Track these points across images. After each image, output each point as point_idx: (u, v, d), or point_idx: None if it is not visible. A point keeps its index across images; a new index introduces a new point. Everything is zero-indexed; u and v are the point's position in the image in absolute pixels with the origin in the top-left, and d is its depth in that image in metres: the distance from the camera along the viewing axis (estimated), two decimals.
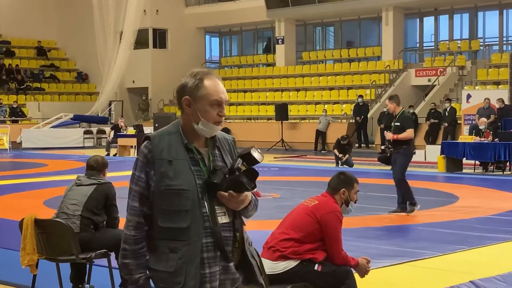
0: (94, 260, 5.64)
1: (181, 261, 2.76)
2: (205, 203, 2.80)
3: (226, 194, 2.80)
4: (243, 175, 2.79)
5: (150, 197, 2.84)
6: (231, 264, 2.87)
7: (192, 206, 2.77)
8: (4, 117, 29.99)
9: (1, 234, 8.98)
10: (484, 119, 17.97)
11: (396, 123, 10.32)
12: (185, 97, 2.88)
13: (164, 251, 2.79)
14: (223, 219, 2.84)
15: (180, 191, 2.77)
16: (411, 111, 23.75)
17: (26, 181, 15.56)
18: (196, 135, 2.87)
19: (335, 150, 18.42)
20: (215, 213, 2.82)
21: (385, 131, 10.86)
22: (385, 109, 24.66)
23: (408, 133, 10.20)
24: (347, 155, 18.11)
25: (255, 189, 2.86)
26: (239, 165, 2.80)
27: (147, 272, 2.88)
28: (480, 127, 17.50)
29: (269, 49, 35.45)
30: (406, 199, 10.27)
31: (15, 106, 30.66)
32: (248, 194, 2.85)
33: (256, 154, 2.81)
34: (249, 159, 2.82)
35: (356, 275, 5.01)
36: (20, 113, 30.78)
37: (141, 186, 2.85)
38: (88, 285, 5.63)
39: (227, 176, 2.80)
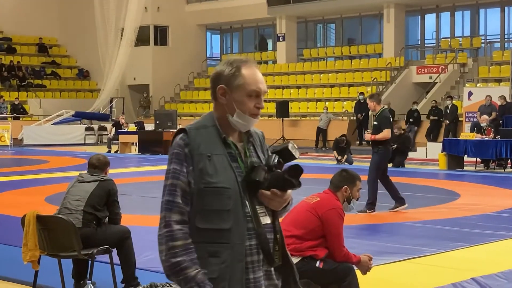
0: (96, 256, 5.65)
1: (224, 265, 2.54)
2: (247, 203, 2.60)
3: (268, 192, 2.59)
4: (286, 172, 2.59)
5: (190, 194, 2.58)
6: (272, 268, 2.68)
7: (234, 206, 2.56)
8: (6, 114, 30.02)
9: (3, 231, 8.99)
10: (485, 117, 17.97)
11: (374, 122, 10.27)
12: (220, 86, 2.64)
13: (203, 255, 2.55)
14: (265, 219, 2.64)
15: (221, 189, 2.55)
16: (414, 107, 23.80)
17: (27, 177, 15.56)
18: (231, 129, 2.66)
19: (334, 152, 18.43)
20: (257, 213, 2.61)
21: (366, 131, 10.77)
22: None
23: (384, 133, 10.09)
24: (345, 156, 18.10)
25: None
26: (275, 162, 2.62)
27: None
28: (482, 124, 17.50)
29: (264, 47, 35.52)
30: (372, 199, 10.12)
31: (16, 103, 30.69)
32: (290, 192, 2.66)
33: (293, 150, 2.66)
34: (285, 155, 2.65)
35: (358, 272, 5.01)
36: (21, 110, 30.81)
37: (183, 181, 2.57)
38: (90, 281, 5.64)
39: (266, 173, 2.60)
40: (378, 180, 10.21)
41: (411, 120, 23.72)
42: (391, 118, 10.05)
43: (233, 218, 2.55)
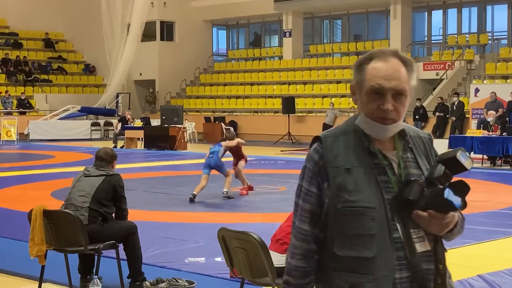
0: (102, 251, 5.65)
1: None
2: (397, 226, 2.13)
3: (425, 214, 2.10)
4: (448, 189, 2.08)
5: (322, 216, 2.18)
6: None
7: (380, 230, 2.11)
8: (12, 109, 30.08)
9: (10, 225, 9.02)
10: (492, 112, 17.93)
11: None
12: (352, 83, 2.25)
13: (342, 286, 2.15)
14: (421, 246, 2.15)
15: (363, 209, 2.12)
16: (419, 104, 23.75)
17: (33, 172, 15.60)
18: None
19: None
20: (412, 239, 2.14)
21: None
22: None
23: None
24: None
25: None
26: (441, 174, 2.12)
27: None
28: (488, 119, 17.45)
29: (259, 44, 35.54)
30: None
31: (22, 97, 30.74)
32: (455, 213, 2.14)
33: (463, 159, 2.13)
34: (454, 166, 2.13)
35: None
36: (27, 105, 30.87)
37: (311, 202, 2.19)
38: (96, 276, 5.64)
39: (425, 189, 2.11)
40: None
41: (417, 117, 23.68)
42: None
43: (378, 244, 2.11)
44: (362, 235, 2.11)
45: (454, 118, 22.29)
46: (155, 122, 24.89)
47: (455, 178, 2.15)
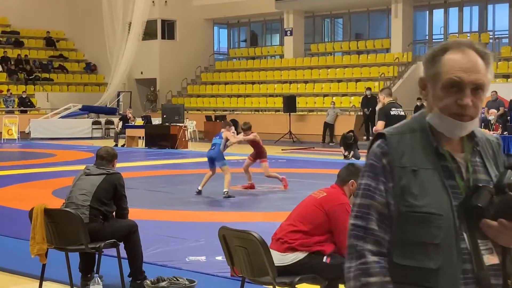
0: (103, 250, 5.66)
1: None
2: (464, 235, 1.95)
3: (495, 223, 1.93)
4: None
5: (389, 219, 1.98)
6: None
7: (446, 239, 1.93)
8: (13, 107, 30.09)
9: (11, 224, 9.02)
10: (494, 110, 17.94)
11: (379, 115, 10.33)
12: (421, 77, 2.06)
13: None
14: (489, 259, 1.97)
15: (430, 215, 1.93)
16: (418, 103, 23.73)
17: (34, 171, 15.61)
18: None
19: (342, 148, 18.44)
20: (479, 250, 1.96)
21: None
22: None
23: (377, 126, 10.15)
24: (352, 152, 18.10)
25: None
26: (510, 181, 1.94)
27: None
28: (489, 118, 17.45)
29: (255, 42, 35.54)
30: None
31: (24, 96, 30.75)
32: None
33: None
34: None
35: None
36: (28, 104, 30.88)
37: (378, 201, 1.97)
38: (97, 274, 5.64)
39: (494, 196, 1.94)
40: None
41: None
42: (390, 112, 10.00)
43: (444, 255, 1.93)
44: (426, 243, 1.93)
45: None
46: (156, 120, 24.90)
47: None
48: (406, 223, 1.94)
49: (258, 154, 12.12)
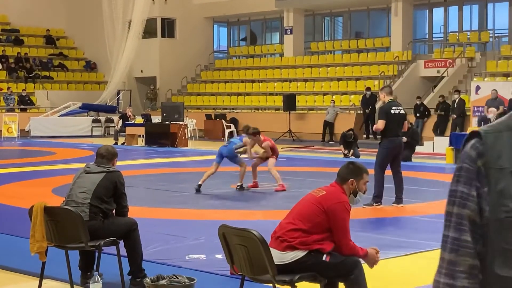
0: (103, 248, 5.67)
1: None
2: None
3: None
4: None
5: (481, 227, 1.81)
6: None
7: None
8: (13, 106, 30.09)
9: (10, 222, 9.03)
10: (493, 109, 17.95)
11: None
12: None
13: None
14: None
15: None
16: (418, 102, 23.74)
17: (34, 169, 15.62)
18: None
19: (341, 146, 18.42)
20: None
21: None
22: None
23: (377, 124, 10.15)
24: (352, 150, 18.09)
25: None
26: None
27: None
28: (489, 116, 17.46)
29: (255, 41, 35.51)
30: (377, 192, 10.07)
31: (23, 94, 30.74)
32: None
33: None
34: None
35: (365, 266, 5.01)
36: (28, 102, 30.87)
37: (471, 208, 1.80)
38: (97, 272, 5.64)
39: None
40: (384, 174, 10.20)
41: (417, 114, 23.69)
42: (391, 111, 10.01)
43: None
44: None
45: (455, 116, 22.28)
46: (156, 119, 24.89)
47: None
48: (505, 229, 1.76)
49: (273, 152, 12.19)
